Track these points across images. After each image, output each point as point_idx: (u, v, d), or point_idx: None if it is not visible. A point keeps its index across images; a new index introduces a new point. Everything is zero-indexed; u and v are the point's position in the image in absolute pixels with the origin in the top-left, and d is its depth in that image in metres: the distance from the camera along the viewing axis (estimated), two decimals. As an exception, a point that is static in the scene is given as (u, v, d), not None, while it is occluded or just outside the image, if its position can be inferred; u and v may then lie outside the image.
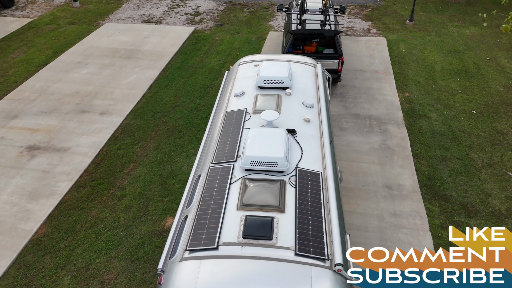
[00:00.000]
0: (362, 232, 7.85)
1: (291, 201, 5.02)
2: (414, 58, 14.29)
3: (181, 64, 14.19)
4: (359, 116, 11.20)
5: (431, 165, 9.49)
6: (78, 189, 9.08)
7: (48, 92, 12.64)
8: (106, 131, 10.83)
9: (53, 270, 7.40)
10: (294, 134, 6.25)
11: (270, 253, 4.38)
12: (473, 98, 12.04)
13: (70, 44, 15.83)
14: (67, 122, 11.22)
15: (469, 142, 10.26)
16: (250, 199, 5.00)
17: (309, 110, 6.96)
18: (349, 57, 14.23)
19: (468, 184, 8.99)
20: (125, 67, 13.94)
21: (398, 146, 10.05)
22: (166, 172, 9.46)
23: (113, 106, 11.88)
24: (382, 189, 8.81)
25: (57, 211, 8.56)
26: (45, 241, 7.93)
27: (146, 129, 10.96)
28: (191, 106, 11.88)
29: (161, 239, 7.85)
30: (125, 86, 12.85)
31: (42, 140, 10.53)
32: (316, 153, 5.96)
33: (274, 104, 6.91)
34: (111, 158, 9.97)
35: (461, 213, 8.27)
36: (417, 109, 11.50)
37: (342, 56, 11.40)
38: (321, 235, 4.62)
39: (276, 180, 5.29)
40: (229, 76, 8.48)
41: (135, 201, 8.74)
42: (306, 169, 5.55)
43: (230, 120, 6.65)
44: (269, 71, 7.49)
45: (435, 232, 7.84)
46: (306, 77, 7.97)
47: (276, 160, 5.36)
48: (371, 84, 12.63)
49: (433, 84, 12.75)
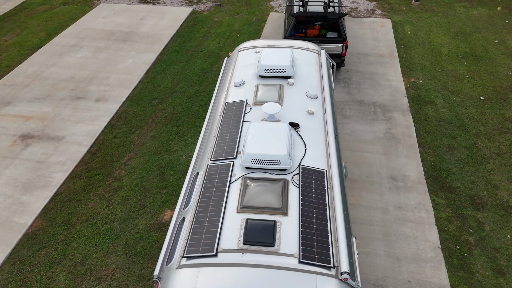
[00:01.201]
0: (366, 225, 7.62)
1: (294, 202, 4.75)
2: (420, 40, 13.82)
3: (179, 47, 13.73)
4: (363, 103, 10.84)
5: (437, 155, 9.21)
6: (74, 180, 8.83)
7: (41, 77, 12.24)
8: (102, 119, 10.50)
9: (49, 265, 7.21)
10: (297, 128, 5.93)
11: (272, 260, 4.13)
12: (480, 83, 11.65)
13: (64, 26, 15.31)
14: (61, 109, 10.88)
15: (476, 130, 9.94)
16: (251, 200, 4.72)
17: (313, 101, 6.62)
18: (353, 40, 13.76)
19: (475, 175, 8.72)
20: (121, 51, 13.48)
21: (403, 135, 9.74)
22: (164, 162, 9.18)
23: (109, 92, 11.50)
24: (386, 180, 8.55)
25: (52, 203, 8.32)
26: (40, 235, 7.72)
27: (143, 117, 10.63)
28: (190, 92, 11.51)
29: (159, 233, 7.64)
30: (121, 71, 12.44)
31: (36, 128, 10.21)
32: (320, 148, 5.66)
33: (276, 95, 6.56)
34: (107, 147, 9.67)
35: (468, 206, 8.03)
36: (423, 95, 11.13)
37: (346, 40, 10.96)
38: (326, 240, 4.36)
39: (278, 179, 5.01)
40: (228, 63, 8.09)
41: (132, 193, 8.49)
42: (310, 167, 5.26)
43: (230, 113, 6.32)
44: (271, 59, 7.11)
45: (441, 226, 7.61)
46: (310, 65, 7.59)
47: (278, 158, 5.06)
48: (375, 69, 12.21)
49: (440, 68, 12.34)
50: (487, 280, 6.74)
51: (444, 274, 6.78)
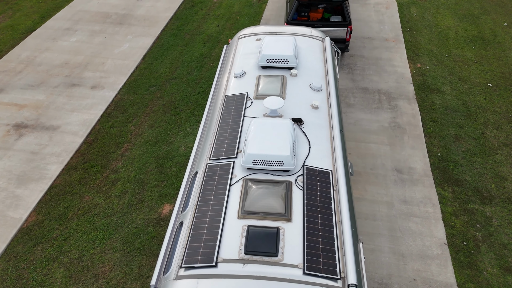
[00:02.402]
0: (370, 221, 7.41)
1: (299, 207, 4.50)
2: (427, 23, 13.34)
3: (177, 31, 13.27)
4: (368, 90, 10.49)
5: (444, 146, 8.92)
6: (70, 172, 8.57)
7: (35, 62, 11.84)
8: (98, 107, 10.17)
9: (45, 262, 7.03)
10: (301, 124, 5.63)
11: (275, 271, 3.91)
12: (489, 69, 11.27)
13: (58, 7, 14.78)
14: (56, 97, 10.54)
15: (484, 119, 9.63)
16: (252, 205, 4.47)
17: (317, 94, 6.30)
18: (357, 22, 13.28)
19: (483, 166, 8.47)
20: (117, 34, 13.03)
21: (409, 124, 9.43)
22: (162, 154, 8.91)
23: (105, 79, 11.13)
24: (391, 172, 8.30)
25: (47, 196, 8.09)
26: (36, 230, 7.52)
27: (140, 105, 10.30)
28: (188, 78, 11.14)
29: (158, 229, 7.44)
30: (118, 56, 12.02)
31: (30, 117, 9.90)
32: (325, 146, 5.37)
33: (278, 87, 6.23)
34: (104, 137, 9.38)
35: (476, 200, 7.80)
36: (429, 82, 10.77)
37: (351, 24, 10.52)
38: (332, 249, 4.13)
39: (281, 181, 4.75)
40: (228, 51, 7.72)
41: (130, 186, 8.26)
42: (314, 167, 4.98)
43: (230, 107, 6.01)
44: (273, 48, 6.74)
45: (447, 221, 7.40)
46: (314, 54, 7.22)
47: (281, 159, 4.79)
48: (380, 54, 11.80)
49: (447, 53, 11.92)
50: (495, 278, 6.56)
51: (450, 272, 6.60)
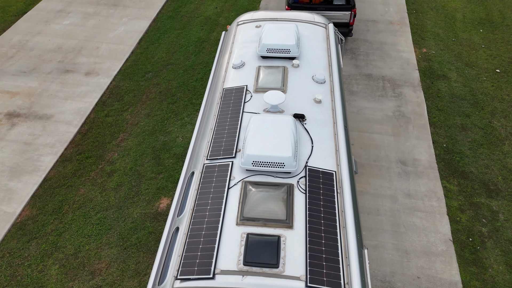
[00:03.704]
0: (373, 215, 7.21)
1: (301, 212, 4.27)
2: (433, 4, 12.84)
3: (174, 13, 12.79)
4: (371, 76, 10.14)
5: (449, 136, 8.65)
6: (64, 163, 8.33)
7: (27, 47, 11.44)
8: (92, 95, 9.85)
9: (40, 258, 6.86)
10: (303, 120, 5.35)
11: (276, 284, 3.70)
12: (497, 54, 10.88)
13: (50, -12, 14.21)
14: (49, 84, 10.19)
15: (491, 107, 9.32)
16: (252, 210, 4.24)
17: (320, 87, 5.98)
18: (361, 4, 12.79)
19: (489, 158, 8.22)
20: (112, 17, 12.56)
21: (414, 113, 9.13)
22: (159, 144, 8.65)
23: (99, 64, 10.76)
24: (395, 164, 8.05)
25: (41, 189, 7.87)
26: (30, 225, 7.33)
27: (136, 92, 9.97)
28: (185, 64, 10.77)
29: (155, 224, 7.24)
30: (112, 40, 11.61)
31: (23, 106, 9.59)
32: (328, 144, 5.10)
33: (279, 79, 5.91)
34: (99, 127, 9.10)
35: (482, 193, 7.58)
36: (435, 68, 10.40)
37: (355, 7, 10.07)
38: (336, 259, 3.92)
39: (282, 184, 4.50)
40: (227, 38, 7.35)
41: (126, 178, 8.03)
42: (317, 168, 4.73)
43: (228, 101, 5.71)
44: (273, 37, 6.39)
45: (453, 216, 7.20)
46: (316, 42, 6.86)
47: (282, 160, 4.53)
48: (385, 38, 11.38)
49: (454, 37, 11.50)
50: (501, 275, 6.41)
51: (455, 269, 6.44)
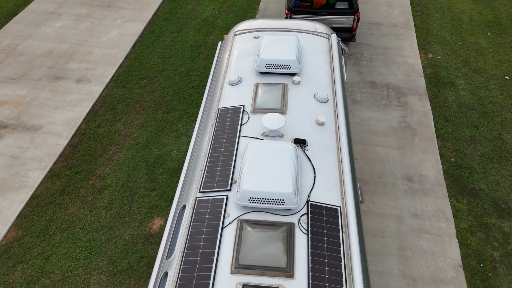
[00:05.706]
0: (378, 238, 6.82)
1: (303, 257, 3.87)
2: (439, 6, 12.36)
3: (170, 15, 12.31)
4: (375, 84, 9.69)
5: (458, 149, 8.24)
6: (53, 179, 7.92)
7: (16, 52, 10.98)
8: (84, 104, 9.41)
9: (25, 284, 6.48)
10: (304, 146, 4.93)
11: None
12: (506, 59, 10.43)
13: (41, -12, 13.70)
14: (38, 92, 9.75)
15: (501, 118, 8.90)
16: (248, 256, 3.84)
17: (323, 106, 5.55)
18: (364, 6, 12.30)
19: (500, 173, 7.81)
20: (105, 19, 12.08)
21: (420, 125, 8.71)
22: (153, 158, 8.24)
23: (91, 70, 10.31)
24: (401, 181, 7.65)
25: (28, 208, 7.47)
26: (15, 248, 6.94)
27: (129, 101, 9.53)
28: (181, 70, 10.32)
29: (147, 247, 6.86)
30: (105, 44, 11.14)
31: (10, 116, 9.16)
32: (332, 174, 4.69)
33: (279, 98, 5.49)
34: (90, 139, 8.68)
35: (492, 213, 7.18)
36: (442, 75, 9.96)
37: (358, 11, 9.60)
38: (341, 313, 3.53)
39: (282, 224, 4.09)
40: (223, 50, 6.91)
41: (117, 195, 7.63)
42: (320, 204, 4.32)
43: (224, 123, 5.28)
44: (272, 52, 5.94)
45: (462, 238, 6.81)
46: (318, 55, 6.42)
47: (282, 197, 4.12)
48: (389, 42, 10.92)
49: (460, 41, 11.04)
50: (514, 305, 6.04)
51: (465, 299, 6.07)
